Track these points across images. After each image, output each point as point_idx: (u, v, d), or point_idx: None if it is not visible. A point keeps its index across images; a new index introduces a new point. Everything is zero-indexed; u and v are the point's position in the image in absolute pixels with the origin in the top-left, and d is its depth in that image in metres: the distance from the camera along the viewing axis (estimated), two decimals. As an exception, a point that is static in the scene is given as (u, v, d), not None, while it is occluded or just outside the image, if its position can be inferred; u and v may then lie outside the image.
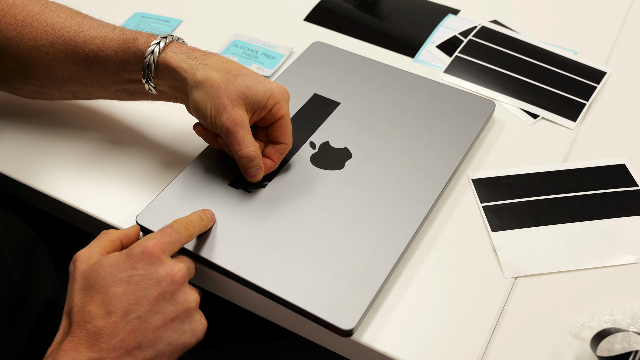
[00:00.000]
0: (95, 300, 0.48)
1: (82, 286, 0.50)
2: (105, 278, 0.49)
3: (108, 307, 0.48)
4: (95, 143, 0.70)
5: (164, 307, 0.49)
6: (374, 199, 0.62)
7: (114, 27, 0.64)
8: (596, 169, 0.68)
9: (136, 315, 0.48)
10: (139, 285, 0.49)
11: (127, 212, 0.64)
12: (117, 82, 0.65)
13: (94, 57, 0.63)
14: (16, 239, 0.57)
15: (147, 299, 0.49)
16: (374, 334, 0.55)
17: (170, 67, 0.60)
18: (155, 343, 0.49)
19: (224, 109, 0.58)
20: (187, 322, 0.51)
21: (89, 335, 0.47)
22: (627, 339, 0.52)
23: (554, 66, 0.80)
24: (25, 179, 0.67)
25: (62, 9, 0.66)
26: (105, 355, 0.47)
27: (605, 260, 0.61)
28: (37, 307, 0.56)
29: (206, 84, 0.59)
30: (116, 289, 0.48)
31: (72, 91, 0.68)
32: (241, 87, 0.59)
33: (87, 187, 0.66)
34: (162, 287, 0.49)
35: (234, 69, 0.60)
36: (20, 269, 0.56)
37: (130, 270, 0.49)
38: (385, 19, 0.88)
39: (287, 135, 0.63)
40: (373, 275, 0.56)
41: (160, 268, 0.50)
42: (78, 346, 0.47)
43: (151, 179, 0.67)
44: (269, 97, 0.60)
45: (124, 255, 0.51)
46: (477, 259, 0.61)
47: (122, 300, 0.48)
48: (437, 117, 0.71)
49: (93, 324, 0.47)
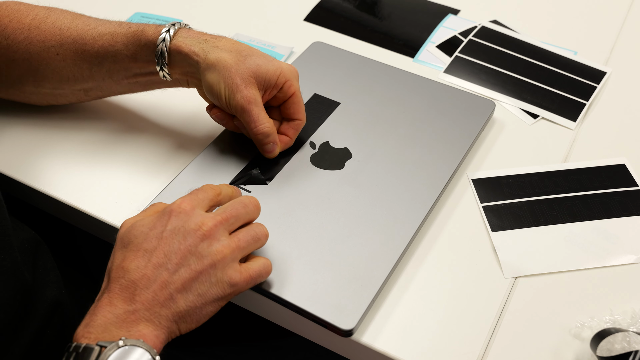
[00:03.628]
0: (129, 257, 0.51)
1: (119, 247, 0.52)
2: (138, 237, 0.51)
3: (140, 262, 0.50)
4: (95, 143, 0.70)
5: (190, 261, 0.51)
6: (374, 199, 0.62)
7: (120, 22, 0.65)
8: (596, 169, 0.68)
9: (166, 269, 0.50)
10: (169, 240, 0.51)
11: (127, 212, 0.64)
12: (129, 76, 0.66)
13: (104, 53, 0.64)
14: (20, 240, 0.58)
15: (176, 253, 0.50)
16: (374, 334, 0.55)
17: (183, 53, 0.62)
18: (186, 295, 0.50)
19: (237, 88, 0.60)
20: (216, 273, 0.51)
21: (123, 289, 0.49)
22: (627, 339, 0.52)
23: (554, 66, 0.80)
24: (25, 179, 0.67)
25: (67, 12, 0.67)
26: (139, 307, 0.49)
27: (605, 260, 0.61)
28: (44, 307, 0.56)
29: (218, 65, 0.60)
30: (147, 245, 0.51)
31: (84, 89, 0.68)
32: (252, 66, 0.61)
33: (87, 187, 0.66)
34: (190, 242, 0.51)
35: (244, 49, 0.62)
36: (29, 269, 0.56)
37: (161, 227, 0.51)
38: (385, 19, 0.88)
39: (301, 111, 0.65)
40: (373, 275, 0.56)
41: (188, 223, 0.52)
42: (113, 300, 0.49)
43: (151, 179, 0.67)
44: (280, 75, 0.62)
45: (155, 215, 0.53)
46: (477, 259, 0.61)
47: (153, 256, 0.50)
48: (437, 117, 0.71)
49: (126, 279, 0.49)
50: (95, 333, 0.47)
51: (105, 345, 0.46)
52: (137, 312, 0.49)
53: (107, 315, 0.48)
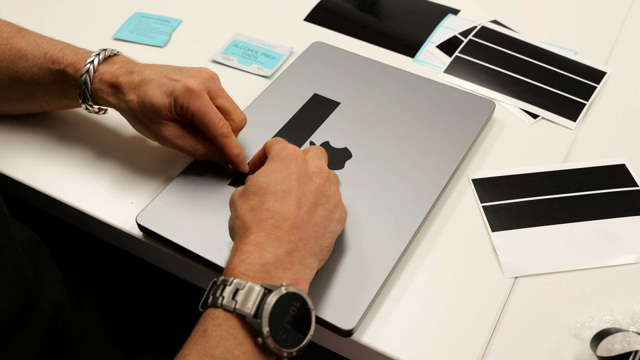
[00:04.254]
0: (269, 199, 0.50)
1: (244, 199, 0.52)
2: (266, 181, 0.52)
3: (284, 201, 0.50)
4: (95, 143, 0.70)
5: (322, 200, 0.52)
6: (374, 199, 0.62)
7: (47, 49, 0.64)
8: (596, 169, 0.68)
9: (308, 208, 0.51)
10: (299, 182, 0.52)
11: (127, 212, 0.64)
12: (65, 106, 0.68)
13: (35, 84, 0.65)
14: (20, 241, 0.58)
15: (310, 192, 0.52)
16: (374, 334, 0.55)
17: (103, 99, 0.62)
18: (324, 232, 0.51)
19: (157, 135, 0.61)
20: (338, 211, 0.54)
21: (275, 229, 0.49)
22: (627, 339, 0.52)
23: (554, 66, 0.80)
24: (26, 179, 0.67)
25: (4, 26, 0.66)
26: (294, 247, 0.49)
27: (605, 260, 0.61)
28: (48, 306, 0.56)
29: (127, 116, 0.62)
30: (283, 187, 0.51)
31: (25, 110, 0.70)
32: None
33: (87, 187, 0.66)
34: (317, 182, 0.53)
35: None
36: (32, 267, 0.56)
37: (285, 170, 0.52)
38: (385, 19, 0.88)
39: (210, 128, 0.60)
40: (373, 275, 0.56)
41: (309, 165, 0.54)
42: (267, 239, 0.48)
43: (151, 179, 0.67)
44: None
45: (272, 162, 0.53)
46: (477, 259, 0.61)
47: (292, 196, 0.51)
48: (437, 117, 0.71)
49: (277, 219, 0.49)
50: (253, 272, 0.47)
51: (270, 288, 0.46)
52: (294, 253, 0.49)
53: (265, 254, 0.48)
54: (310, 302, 0.47)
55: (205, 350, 0.45)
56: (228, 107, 0.62)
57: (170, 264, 0.63)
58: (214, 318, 0.46)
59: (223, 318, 0.46)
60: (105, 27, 0.85)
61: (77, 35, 0.66)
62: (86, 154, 0.69)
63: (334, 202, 0.54)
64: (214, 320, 0.46)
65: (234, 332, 0.45)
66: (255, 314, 0.45)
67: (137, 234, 0.62)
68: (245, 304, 0.45)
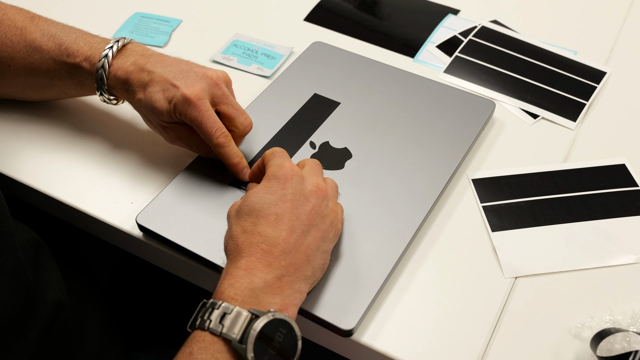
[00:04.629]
0: (262, 222, 0.50)
1: (238, 218, 0.52)
2: (260, 202, 0.51)
3: (276, 226, 0.50)
4: (95, 143, 0.70)
5: (317, 221, 0.52)
6: (374, 199, 0.62)
7: (60, 42, 0.64)
8: (596, 169, 0.68)
9: (300, 231, 0.51)
10: (293, 203, 0.51)
11: (127, 212, 0.64)
12: (82, 95, 0.68)
13: (51, 76, 0.65)
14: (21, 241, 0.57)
15: (304, 214, 0.51)
16: (374, 334, 0.55)
17: (122, 79, 0.62)
18: (316, 254, 0.51)
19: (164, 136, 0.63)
20: (332, 229, 0.54)
21: (265, 254, 0.49)
22: (627, 339, 0.52)
23: (554, 66, 0.80)
24: (26, 179, 0.67)
25: (19, 14, 0.66)
26: (283, 273, 0.49)
27: (605, 260, 0.61)
28: (47, 307, 0.56)
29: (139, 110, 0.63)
30: (276, 209, 0.51)
31: (42, 98, 0.70)
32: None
33: (87, 187, 0.66)
34: (313, 203, 0.52)
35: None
36: (31, 269, 0.56)
37: (281, 191, 0.52)
38: (385, 19, 0.88)
39: (207, 136, 0.60)
40: (373, 275, 0.56)
41: (306, 185, 0.53)
42: (256, 264, 0.48)
43: (151, 179, 0.67)
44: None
45: (267, 181, 0.53)
46: (477, 259, 0.61)
47: (285, 219, 0.50)
48: (437, 117, 0.71)
49: (267, 243, 0.49)
50: (242, 296, 0.47)
51: (257, 314, 0.46)
52: (283, 278, 0.49)
53: (254, 279, 0.48)
54: (297, 328, 0.47)
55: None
56: (231, 114, 0.62)
57: (170, 264, 0.63)
58: (200, 341, 0.46)
59: (209, 341, 0.46)
60: (105, 27, 0.85)
61: (77, 35, 0.67)
62: (86, 154, 0.69)
63: (329, 221, 0.54)
64: (200, 342, 0.46)
65: (219, 355, 0.45)
66: (240, 339, 0.45)
67: (137, 234, 0.62)
68: (231, 329, 0.45)
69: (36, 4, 0.88)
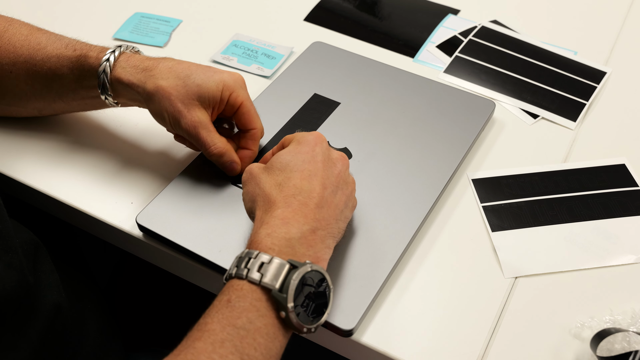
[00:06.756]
0: (296, 176, 0.51)
1: (269, 173, 0.53)
2: (293, 160, 0.53)
3: (310, 180, 0.51)
4: (96, 143, 0.70)
5: (342, 185, 0.54)
6: (374, 199, 0.62)
7: (68, 41, 0.64)
8: (596, 169, 0.68)
9: (331, 190, 0.52)
10: (324, 164, 0.53)
11: (127, 212, 0.64)
12: (78, 98, 0.66)
13: (52, 75, 0.64)
14: (20, 243, 0.57)
15: (333, 176, 0.53)
16: (374, 334, 0.55)
17: (123, 83, 0.61)
18: (341, 216, 0.52)
19: (180, 115, 0.60)
20: (352, 199, 0.56)
21: (302, 206, 0.50)
22: (627, 339, 0.52)
23: (554, 66, 0.80)
24: (26, 179, 0.67)
25: (24, 25, 0.66)
26: (318, 226, 0.50)
27: (605, 260, 0.61)
28: (46, 309, 0.56)
29: (157, 94, 0.60)
30: (309, 166, 0.52)
31: (37, 108, 0.69)
32: (192, 87, 0.60)
33: (87, 187, 0.66)
34: (339, 167, 0.54)
35: (182, 70, 0.61)
36: (31, 271, 0.56)
37: (311, 152, 0.53)
38: (385, 19, 0.88)
39: (253, 120, 0.63)
40: (373, 275, 0.56)
41: (332, 152, 0.55)
42: (294, 215, 0.49)
43: (151, 179, 0.67)
44: (223, 90, 0.60)
45: (297, 144, 0.54)
46: (477, 259, 0.61)
47: (318, 175, 0.52)
48: (437, 117, 0.71)
49: (304, 196, 0.50)
50: (279, 246, 0.48)
51: (295, 264, 0.47)
52: (317, 231, 0.50)
53: (291, 230, 0.48)
54: (330, 280, 0.49)
55: (228, 319, 0.45)
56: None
57: (170, 264, 0.63)
58: (238, 289, 0.47)
59: (247, 290, 0.46)
60: (105, 27, 0.85)
61: (77, 35, 0.66)
62: (86, 154, 0.69)
63: (351, 189, 0.55)
64: (238, 291, 0.46)
65: (257, 304, 0.46)
66: (280, 288, 0.46)
67: (137, 234, 0.62)
68: (271, 278, 0.46)
69: (36, 4, 0.88)
